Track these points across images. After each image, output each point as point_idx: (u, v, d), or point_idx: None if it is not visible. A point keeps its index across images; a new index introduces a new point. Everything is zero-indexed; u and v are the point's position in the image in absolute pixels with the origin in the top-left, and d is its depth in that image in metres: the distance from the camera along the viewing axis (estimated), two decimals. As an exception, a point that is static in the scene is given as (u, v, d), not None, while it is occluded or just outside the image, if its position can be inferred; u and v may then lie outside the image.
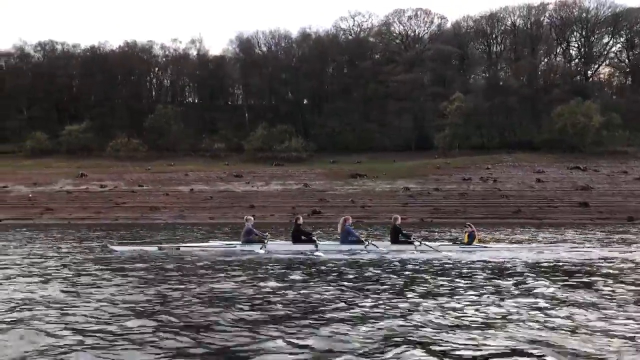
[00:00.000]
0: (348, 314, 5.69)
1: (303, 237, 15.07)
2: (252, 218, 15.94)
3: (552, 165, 57.58)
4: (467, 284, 8.01)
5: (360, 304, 6.23)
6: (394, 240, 14.86)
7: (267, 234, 15.66)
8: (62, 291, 7.21)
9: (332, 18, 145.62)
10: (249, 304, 6.26)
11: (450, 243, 15.98)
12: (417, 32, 73.81)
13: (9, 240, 20.09)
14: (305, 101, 71.58)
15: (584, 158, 59.37)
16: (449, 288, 7.53)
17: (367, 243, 14.51)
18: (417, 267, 10.61)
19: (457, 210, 46.00)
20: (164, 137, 65.90)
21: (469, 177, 54.07)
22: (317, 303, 6.39)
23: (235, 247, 15.01)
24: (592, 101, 63.85)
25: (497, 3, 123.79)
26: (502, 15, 74.24)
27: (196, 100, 76.80)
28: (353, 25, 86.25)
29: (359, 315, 5.60)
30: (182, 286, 7.65)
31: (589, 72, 74.23)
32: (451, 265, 10.76)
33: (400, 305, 6.19)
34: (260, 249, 14.20)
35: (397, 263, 11.26)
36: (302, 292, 7.18)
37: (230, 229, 29.38)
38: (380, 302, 6.39)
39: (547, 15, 73.58)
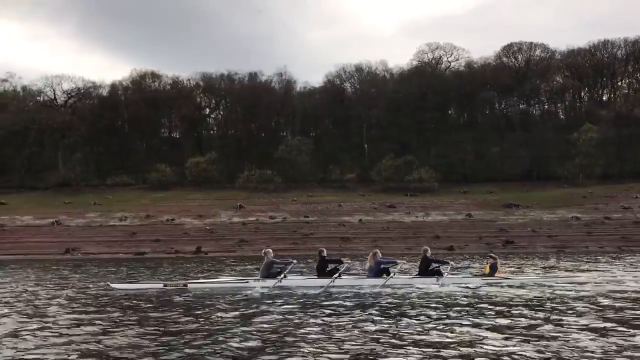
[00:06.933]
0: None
1: (328, 268, 15.15)
2: (271, 251, 15.20)
3: (694, 194, 58.68)
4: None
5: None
6: (422, 272, 15.67)
7: (294, 260, 15.17)
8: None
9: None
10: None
11: (472, 275, 16.72)
12: (529, 64, 75.51)
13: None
14: (423, 131, 72.20)
15: None
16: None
17: (392, 273, 15.20)
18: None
19: (646, 238, 46.44)
20: (294, 168, 65.96)
21: (628, 206, 54.80)
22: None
23: (247, 282, 14.46)
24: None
25: (596, 36, 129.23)
26: (602, 48, 76.54)
27: (316, 132, 77.17)
28: (432, 58, 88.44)
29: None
30: None
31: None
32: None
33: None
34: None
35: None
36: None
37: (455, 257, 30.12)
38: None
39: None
